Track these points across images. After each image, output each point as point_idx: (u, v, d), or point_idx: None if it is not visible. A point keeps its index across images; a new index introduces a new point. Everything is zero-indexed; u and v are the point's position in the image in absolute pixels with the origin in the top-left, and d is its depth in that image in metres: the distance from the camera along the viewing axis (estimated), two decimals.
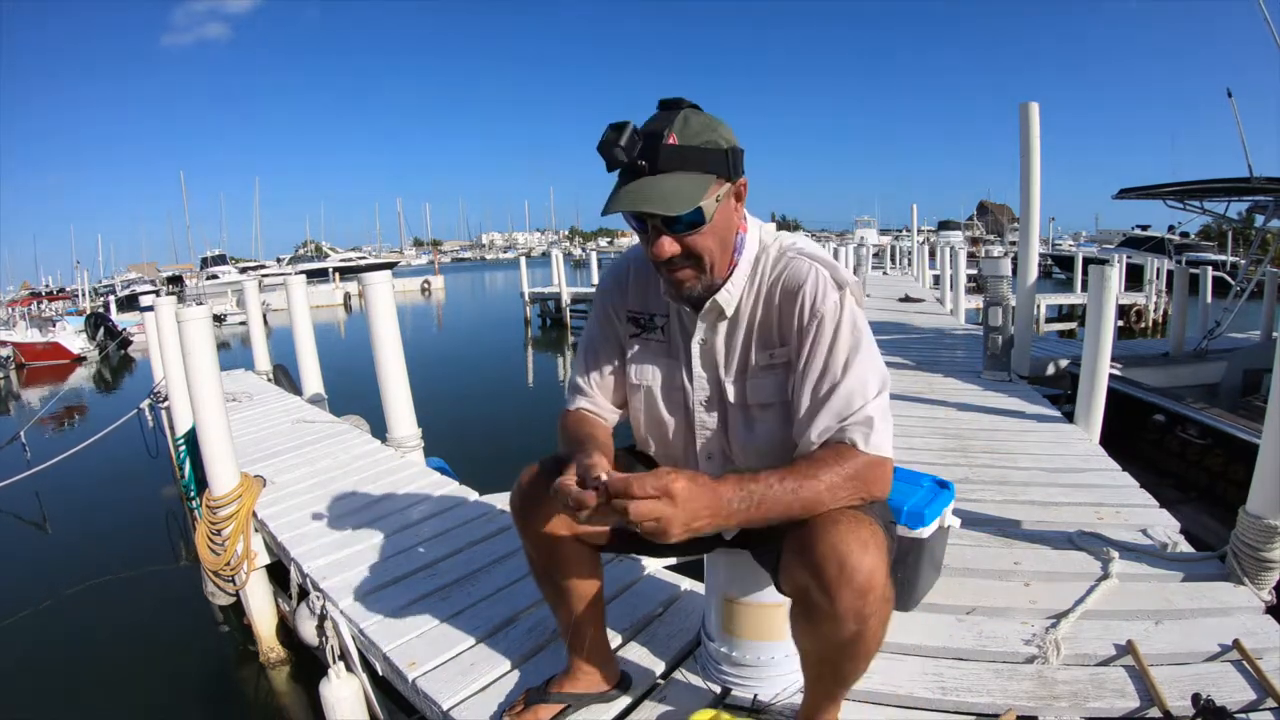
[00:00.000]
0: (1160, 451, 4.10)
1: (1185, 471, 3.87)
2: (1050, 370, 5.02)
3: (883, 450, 1.00)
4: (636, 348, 1.22)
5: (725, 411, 1.16)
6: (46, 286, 28.17)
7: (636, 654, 1.60)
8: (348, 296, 25.57)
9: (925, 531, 1.66)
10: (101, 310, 19.52)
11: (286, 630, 2.87)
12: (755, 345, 1.11)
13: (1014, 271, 4.72)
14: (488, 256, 76.69)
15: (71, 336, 15.79)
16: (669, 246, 0.99)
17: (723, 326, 1.12)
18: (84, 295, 24.56)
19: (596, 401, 1.24)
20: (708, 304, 1.09)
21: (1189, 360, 5.54)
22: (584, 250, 42.95)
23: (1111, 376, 4.55)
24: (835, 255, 11.62)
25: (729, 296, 1.09)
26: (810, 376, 1.04)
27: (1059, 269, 22.47)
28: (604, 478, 0.87)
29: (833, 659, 1.02)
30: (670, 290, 1.10)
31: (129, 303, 21.32)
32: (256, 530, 2.80)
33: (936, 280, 13.01)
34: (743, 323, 1.11)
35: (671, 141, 0.94)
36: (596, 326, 1.26)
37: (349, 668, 1.94)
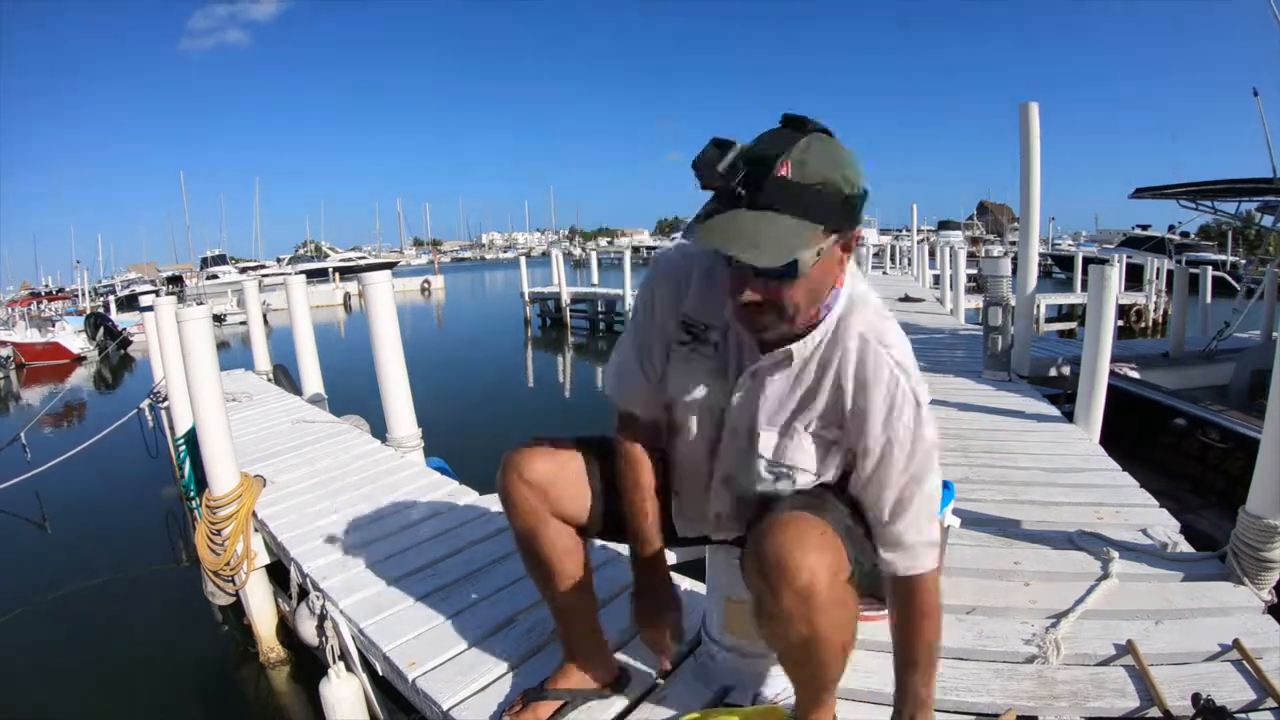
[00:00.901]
0: (1178, 455, 4.04)
1: (1204, 475, 3.81)
2: (1053, 372, 5.01)
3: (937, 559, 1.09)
4: (683, 358, 1.11)
5: (749, 458, 1.11)
6: (46, 286, 28.15)
7: (636, 654, 1.60)
8: (348, 296, 25.55)
9: None
10: (101, 310, 19.53)
11: (286, 630, 2.87)
12: (812, 410, 1.04)
13: (1014, 271, 4.72)
14: (487, 256, 76.67)
15: (71, 336, 15.78)
16: (750, 294, 0.90)
17: (782, 373, 1.04)
18: (84, 295, 24.55)
19: (647, 409, 1.18)
20: (781, 349, 1.01)
21: (1198, 361, 5.52)
22: (584, 250, 42.93)
23: (1128, 379, 4.54)
24: None
25: (804, 349, 1.00)
26: (892, 498, 1.03)
27: (1059, 269, 22.45)
28: None
29: (798, 659, 1.04)
30: (746, 328, 1.01)
31: (129, 303, 21.31)
32: (256, 530, 2.80)
33: (936, 280, 13.00)
34: (806, 380, 1.03)
35: (783, 174, 0.81)
36: (646, 320, 1.14)
37: (349, 668, 1.94)
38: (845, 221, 0.88)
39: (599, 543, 1.97)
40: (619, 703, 1.42)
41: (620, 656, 1.55)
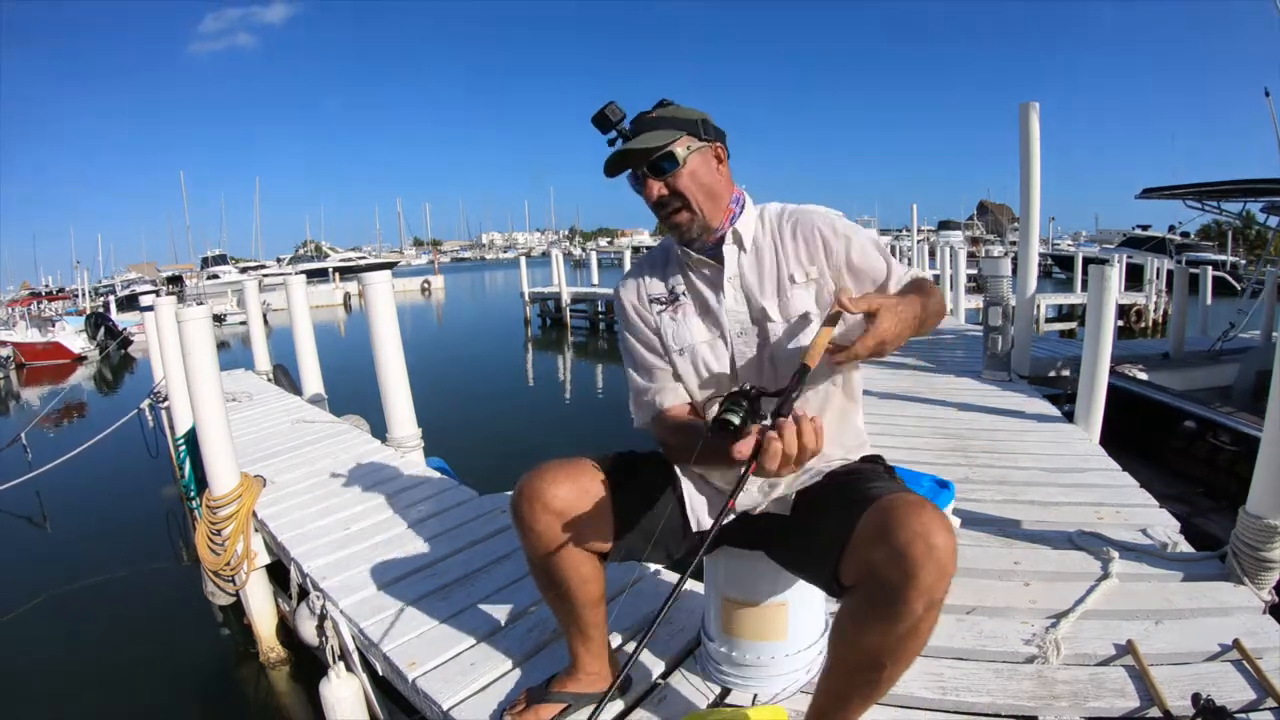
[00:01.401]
0: (1189, 458, 4.02)
1: (1216, 479, 3.78)
2: (1054, 373, 5.01)
3: None
4: (669, 319, 1.29)
5: (765, 331, 1.22)
6: (46, 286, 28.15)
7: (636, 655, 1.59)
8: (348, 296, 25.57)
9: None
10: (102, 310, 19.54)
11: (286, 630, 2.87)
12: (791, 265, 1.22)
13: (1014, 271, 4.72)
14: (488, 256, 76.70)
15: (72, 336, 15.81)
16: (656, 188, 1.17)
17: (745, 258, 1.24)
18: (84, 295, 24.56)
19: (678, 394, 1.29)
20: (729, 236, 1.23)
21: (1202, 362, 5.52)
22: (584, 250, 42.92)
23: (1135, 380, 4.53)
24: None
25: (745, 228, 1.24)
26: (878, 268, 1.21)
27: (1059, 269, 22.46)
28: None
29: (878, 657, 1.00)
30: (676, 235, 1.24)
31: (129, 303, 21.35)
32: (256, 530, 2.80)
33: (936, 280, 13.00)
34: (766, 253, 1.24)
35: (652, 116, 1.17)
36: (635, 335, 1.32)
37: (349, 668, 1.94)
38: (699, 131, 1.18)
39: None
40: (620, 704, 1.42)
41: (620, 656, 1.55)
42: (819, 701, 1.12)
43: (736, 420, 0.94)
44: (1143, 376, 4.69)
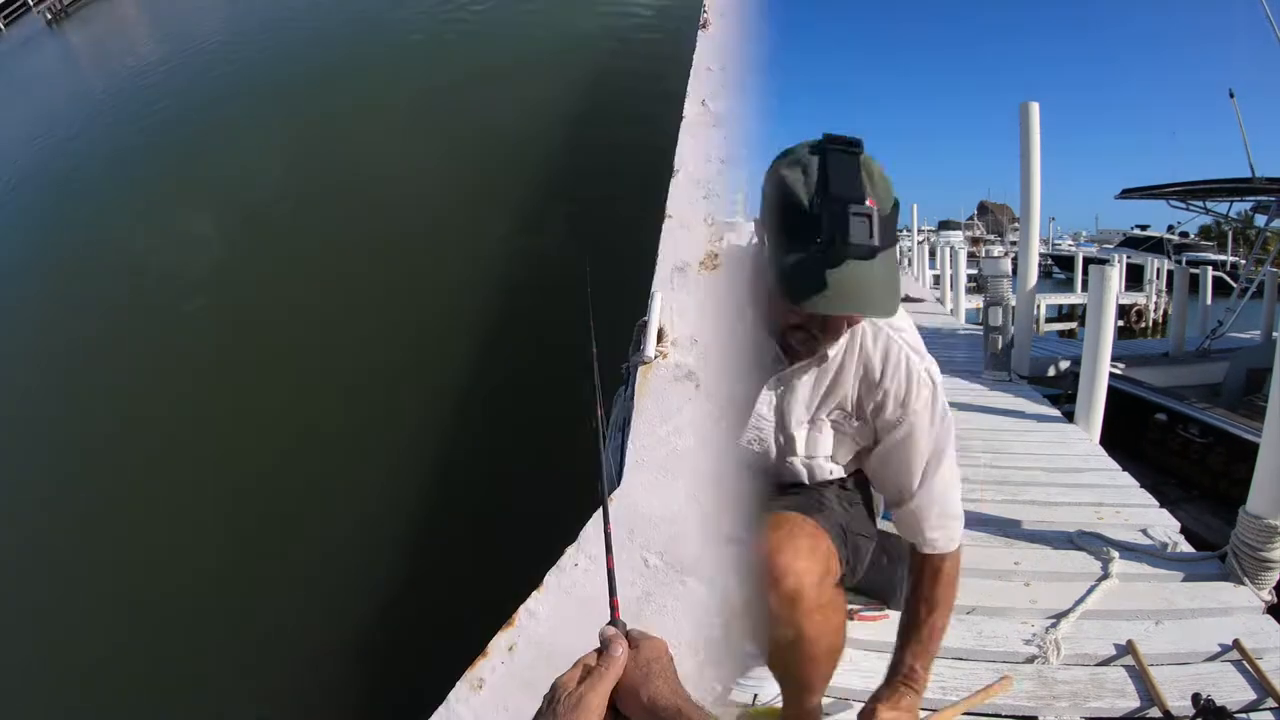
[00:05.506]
0: (1162, 450, 4.11)
1: (1187, 470, 3.88)
2: (1052, 371, 5.02)
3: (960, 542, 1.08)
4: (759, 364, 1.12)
5: (788, 451, 1.08)
6: None
7: None
8: None
9: None
10: None
11: None
12: (834, 399, 1.03)
13: (1014, 271, 4.72)
14: None
15: None
16: (798, 318, 0.90)
17: (810, 374, 1.01)
18: None
19: None
20: (814, 355, 0.98)
21: (1192, 360, 5.55)
22: None
23: (1114, 376, 4.55)
24: None
25: (836, 348, 0.99)
26: (914, 474, 1.03)
27: (1059, 269, 22.44)
28: None
29: (784, 659, 1.03)
30: (787, 344, 0.98)
31: None
32: None
33: (936, 280, 13.00)
34: (829, 374, 1.01)
35: (890, 218, 0.79)
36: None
37: None
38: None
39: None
40: None
41: None
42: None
43: None
44: (1118, 371, 4.71)
